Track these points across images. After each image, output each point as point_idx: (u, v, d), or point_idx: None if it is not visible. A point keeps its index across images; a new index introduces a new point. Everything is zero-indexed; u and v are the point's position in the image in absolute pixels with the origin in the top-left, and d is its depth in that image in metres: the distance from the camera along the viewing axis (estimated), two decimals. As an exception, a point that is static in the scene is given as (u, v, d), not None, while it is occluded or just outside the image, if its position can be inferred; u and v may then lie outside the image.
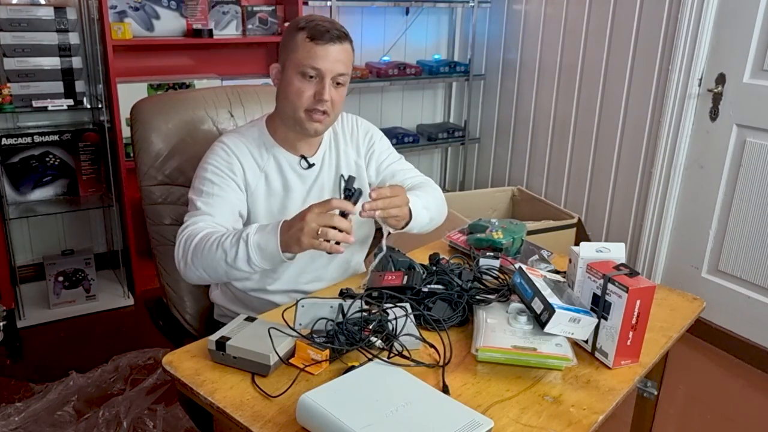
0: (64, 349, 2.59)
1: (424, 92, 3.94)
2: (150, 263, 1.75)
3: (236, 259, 1.29)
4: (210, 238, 1.32)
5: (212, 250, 1.31)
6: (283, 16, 3.12)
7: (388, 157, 1.66)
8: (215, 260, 1.31)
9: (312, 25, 1.38)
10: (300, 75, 1.39)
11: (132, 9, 2.82)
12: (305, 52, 1.38)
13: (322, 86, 1.39)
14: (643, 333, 1.18)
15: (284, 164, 1.51)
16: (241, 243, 1.28)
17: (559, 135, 3.40)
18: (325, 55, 1.38)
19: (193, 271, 1.35)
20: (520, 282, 1.26)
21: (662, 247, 2.95)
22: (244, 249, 1.28)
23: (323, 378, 1.10)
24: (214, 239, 1.32)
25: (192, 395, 1.09)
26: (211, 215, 1.39)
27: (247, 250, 1.28)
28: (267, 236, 1.28)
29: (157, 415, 2.10)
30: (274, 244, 1.27)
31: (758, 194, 2.57)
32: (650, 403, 1.61)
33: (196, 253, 1.33)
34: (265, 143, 1.50)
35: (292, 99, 1.41)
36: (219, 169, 1.44)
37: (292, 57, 1.40)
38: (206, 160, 1.47)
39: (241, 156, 1.46)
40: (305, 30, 1.38)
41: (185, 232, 1.37)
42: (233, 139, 1.49)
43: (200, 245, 1.32)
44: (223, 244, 1.30)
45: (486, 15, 3.74)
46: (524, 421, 1.03)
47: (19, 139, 2.69)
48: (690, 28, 2.66)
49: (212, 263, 1.32)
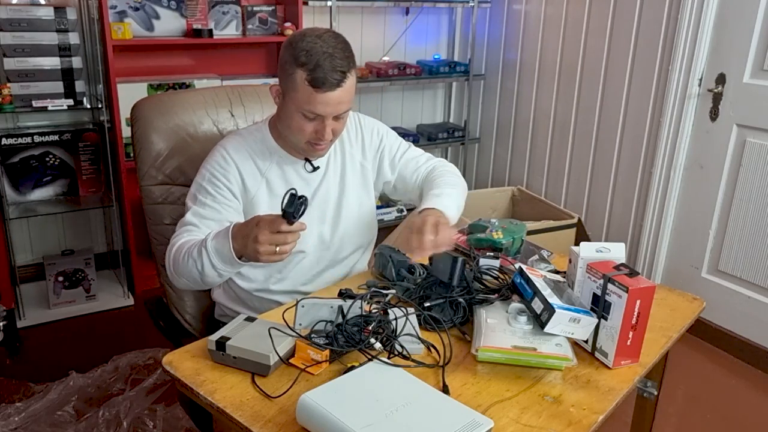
0: (64, 349, 2.59)
1: (424, 92, 3.94)
2: (150, 263, 1.75)
3: (203, 267, 1.31)
4: (183, 249, 1.35)
5: (185, 261, 1.33)
6: (283, 16, 3.12)
7: (398, 149, 1.66)
8: (189, 270, 1.33)
9: (312, 65, 1.29)
10: (300, 114, 1.36)
11: (132, 9, 2.82)
12: (305, 96, 1.32)
13: (323, 126, 1.36)
14: (643, 333, 1.18)
15: (287, 168, 1.50)
16: (203, 250, 1.30)
17: (559, 135, 3.40)
18: (325, 102, 1.32)
19: (177, 280, 1.40)
20: (520, 282, 1.26)
21: (662, 247, 2.95)
22: (206, 256, 1.29)
23: (323, 378, 1.10)
24: (185, 250, 1.34)
25: (192, 395, 1.09)
26: (197, 227, 1.40)
27: (209, 256, 1.29)
28: (222, 240, 1.28)
29: (157, 415, 2.10)
30: (227, 248, 1.27)
31: (758, 194, 2.57)
32: (650, 403, 1.61)
33: (176, 264, 1.36)
34: (268, 147, 1.49)
35: (294, 132, 1.40)
36: (215, 177, 1.44)
37: (293, 95, 1.34)
38: (205, 165, 1.46)
39: (240, 162, 1.45)
40: (305, 70, 1.30)
41: (171, 243, 1.41)
42: (234, 143, 1.47)
43: (177, 257, 1.35)
44: (192, 254, 1.32)
45: (486, 15, 3.74)
46: (524, 421, 1.03)
47: (19, 139, 2.69)
48: (690, 28, 2.66)
49: (188, 273, 1.35)
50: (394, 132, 1.69)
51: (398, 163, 1.64)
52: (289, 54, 1.33)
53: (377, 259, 1.52)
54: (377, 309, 1.26)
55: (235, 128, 1.72)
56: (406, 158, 1.66)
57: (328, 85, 1.30)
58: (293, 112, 1.36)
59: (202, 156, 1.53)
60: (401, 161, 1.65)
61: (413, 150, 1.69)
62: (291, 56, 1.33)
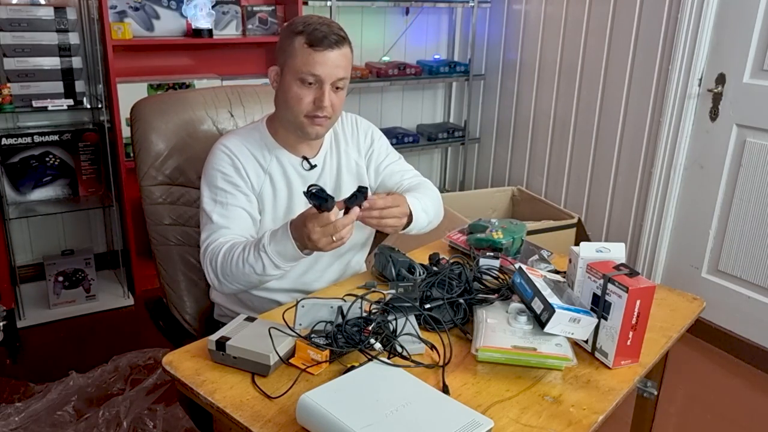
0: (64, 349, 2.59)
1: (424, 92, 3.94)
2: (150, 263, 1.75)
3: (265, 269, 1.33)
4: (233, 255, 1.35)
5: (239, 267, 1.34)
6: (283, 16, 3.12)
7: (387, 157, 1.66)
8: (246, 275, 1.35)
9: (310, 30, 1.36)
10: (299, 81, 1.38)
11: (132, 9, 2.82)
12: (303, 59, 1.36)
13: (322, 92, 1.38)
14: (643, 333, 1.18)
15: (287, 165, 1.50)
16: (263, 255, 1.31)
17: (559, 135, 3.40)
18: (323, 62, 1.36)
19: (228, 286, 1.40)
20: (520, 282, 1.26)
21: (662, 247, 2.95)
22: (267, 259, 1.31)
23: (323, 378, 1.10)
24: (237, 256, 1.35)
25: (192, 395, 1.09)
26: (228, 228, 1.41)
27: (270, 259, 1.31)
28: (282, 242, 1.30)
29: (157, 415, 2.10)
30: (291, 248, 1.29)
31: (758, 194, 2.57)
32: (650, 403, 1.61)
33: (225, 271, 1.37)
34: (267, 145, 1.50)
35: (292, 105, 1.41)
36: (227, 175, 1.44)
37: (290, 62, 1.38)
38: (213, 166, 1.46)
39: (243, 159, 1.46)
40: (303, 35, 1.36)
41: (208, 252, 1.40)
42: (234, 141, 1.48)
43: (226, 264, 1.36)
44: (247, 260, 1.33)
45: (486, 15, 3.74)
46: (524, 421, 1.03)
47: (19, 139, 2.69)
48: (690, 28, 2.66)
49: (244, 278, 1.36)
50: (387, 140, 1.70)
51: (383, 171, 1.64)
52: (287, 30, 1.40)
53: (377, 259, 1.52)
54: (377, 309, 1.26)
55: (235, 128, 1.72)
56: (393, 169, 1.65)
57: (326, 44, 1.35)
58: (291, 82, 1.39)
59: (202, 156, 1.53)
60: (386, 170, 1.65)
61: (403, 163, 1.69)
62: (289, 31, 1.39)
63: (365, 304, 1.24)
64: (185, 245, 1.66)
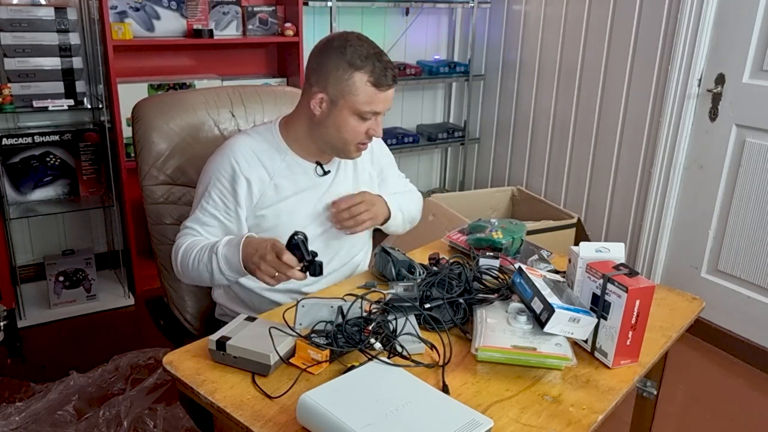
0: (65, 349, 2.59)
1: (424, 92, 3.95)
2: (150, 263, 1.75)
3: (213, 271, 1.37)
4: (192, 251, 1.41)
5: (195, 264, 1.40)
6: (284, 16, 3.12)
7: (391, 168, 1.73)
8: (199, 272, 1.40)
9: (371, 67, 1.36)
10: (357, 116, 1.40)
11: (132, 9, 2.82)
12: (367, 98, 1.38)
13: (377, 124, 1.44)
14: (643, 333, 1.19)
15: (297, 170, 1.50)
16: (213, 257, 1.36)
17: (559, 135, 3.40)
18: (385, 100, 1.41)
19: (186, 279, 1.46)
20: (519, 282, 1.27)
21: (662, 246, 2.95)
22: (216, 262, 1.36)
23: (323, 378, 1.10)
24: (195, 253, 1.40)
25: (192, 395, 1.09)
26: (198, 233, 1.46)
27: (218, 262, 1.35)
28: (232, 251, 1.34)
29: (158, 414, 2.10)
30: (236, 262, 1.33)
31: (758, 194, 2.58)
32: (650, 403, 1.61)
33: (185, 265, 1.42)
34: (278, 148, 1.49)
35: (346, 136, 1.43)
36: (221, 184, 1.45)
37: (350, 98, 1.38)
38: (212, 169, 1.46)
39: (247, 168, 1.45)
40: (364, 72, 1.36)
41: (176, 244, 1.46)
42: (243, 147, 1.47)
43: (185, 258, 1.41)
44: (202, 259, 1.38)
45: (486, 15, 3.74)
46: (524, 421, 1.03)
47: (19, 139, 2.70)
48: (690, 28, 2.67)
49: (198, 275, 1.41)
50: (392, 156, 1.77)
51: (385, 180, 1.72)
52: (339, 60, 1.37)
53: (377, 259, 1.52)
54: (377, 309, 1.26)
55: (236, 128, 1.73)
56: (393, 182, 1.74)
57: (389, 83, 1.39)
58: (348, 116, 1.40)
59: (203, 156, 1.53)
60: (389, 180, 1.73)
61: (402, 178, 1.78)
62: (344, 62, 1.37)
63: (365, 304, 1.24)
64: (186, 245, 1.67)
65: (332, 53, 1.38)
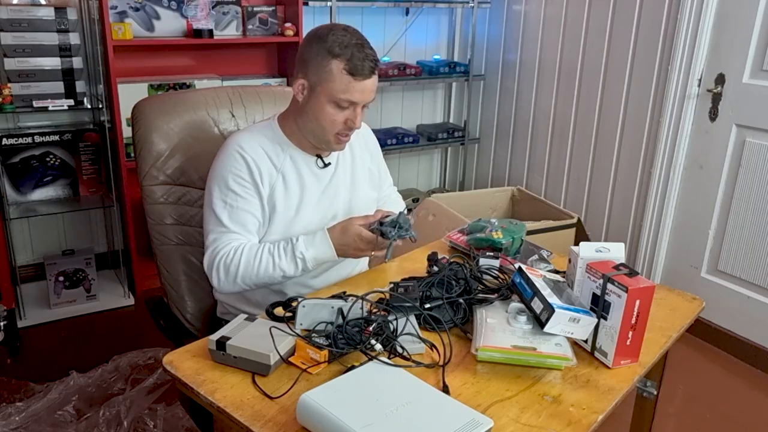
0: (65, 349, 2.59)
1: (424, 92, 3.95)
2: (151, 263, 1.75)
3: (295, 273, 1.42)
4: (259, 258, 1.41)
5: (268, 270, 1.41)
6: (283, 16, 3.12)
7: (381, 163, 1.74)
8: (272, 278, 1.42)
9: (348, 55, 1.36)
10: (333, 103, 1.40)
11: (132, 9, 2.82)
12: (342, 86, 1.37)
13: (355, 114, 1.42)
14: (643, 333, 1.19)
15: (300, 163, 1.51)
16: (299, 261, 1.41)
17: (559, 135, 3.40)
18: (362, 90, 1.39)
19: (241, 286, 1.45)
20: (519, 282, 1.27)
21: (662, 246, 2.96)
22: (302, 264, 1.41)
23: (323, 378, 1.10)
24: (265, 260, 1.41)
25: (192, 395, 1.10)
26: (237, 232, 1.45)
27: (306, 264, 1.41)
28: (321, 249, 1.41)
29: (158, 414, 2.10)
30: (330, 255, 1.41)
31: (758, 194, 2.58)
32: (650, 403, 1.61)
33: (247, 273, 1.41)
34: (280, 143, 1.50)
35: (324, 124, 1.43)
36: (241, 177, 1.45)
37: (327, 86, 1.38)
38: (225, 166, 1.46)
39: (257, 159, 1.46)
40: (341, 59, 1.36)
41: (221, 254, 1.43)
42: (247, 140, 1.47)
43: (249, 266, 1.41)
44: (279, 265, 1.41)
45: (486, 15, 3.74)
46: (524, 421, 1.03)
47: (19, 139, 2.70)
48: (689, 28, 2.67)
49: (268, 281, 1.43)
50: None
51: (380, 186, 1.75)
52: (320, 47, 1.38)
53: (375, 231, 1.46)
54: (377, 309, 1.26)
55: (236, 128, 1.73)
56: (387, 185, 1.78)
57: (365, 73, 1.38)
58: (325, 103, 1.40)
59: (203, 156, 1.53)
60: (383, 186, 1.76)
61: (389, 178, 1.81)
62: (323, 49, 1.37)
63: (366, 304, 1.24)
64: (186, 245, 1.67)
65: (315, 41, 1.40)
